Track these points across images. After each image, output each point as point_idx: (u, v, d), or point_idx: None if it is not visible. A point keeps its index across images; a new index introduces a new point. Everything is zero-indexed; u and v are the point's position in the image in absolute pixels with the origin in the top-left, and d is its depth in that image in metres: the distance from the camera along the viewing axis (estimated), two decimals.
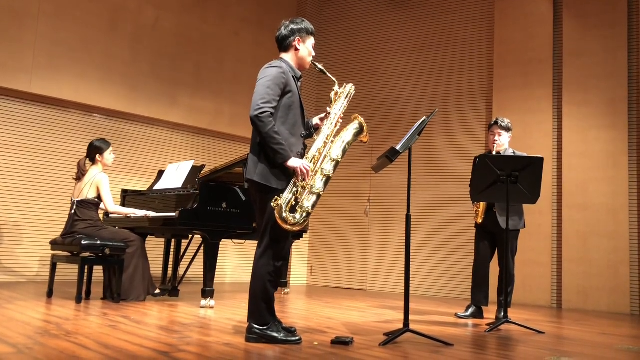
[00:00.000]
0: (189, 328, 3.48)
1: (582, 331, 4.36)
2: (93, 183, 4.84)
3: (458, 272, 7.20)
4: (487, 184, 4.21)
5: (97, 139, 5.06)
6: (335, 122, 3.19)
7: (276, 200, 2.94)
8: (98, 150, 4.95)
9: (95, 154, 4.95)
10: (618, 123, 6.49)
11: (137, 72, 7.04)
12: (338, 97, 3.28)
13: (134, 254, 4.79)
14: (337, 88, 3.30)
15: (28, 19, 6.20)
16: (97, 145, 4.96)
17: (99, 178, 4.85)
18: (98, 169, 4.94)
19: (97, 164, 4.95)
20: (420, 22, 8.10)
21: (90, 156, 4.98)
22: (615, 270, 6.26)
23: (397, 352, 2.95)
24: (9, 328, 3.14)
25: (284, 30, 3.22)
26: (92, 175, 4.87)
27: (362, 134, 3.25)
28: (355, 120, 3.24)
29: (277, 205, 2.93)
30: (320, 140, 3.15)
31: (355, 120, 3.24)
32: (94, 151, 4.96)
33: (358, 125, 3.23)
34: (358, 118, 3.24)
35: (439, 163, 7.60)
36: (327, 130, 3.17)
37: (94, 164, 4.96)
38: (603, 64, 6.64)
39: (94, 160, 4.96)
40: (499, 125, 4.81)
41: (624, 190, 6.36)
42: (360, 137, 3.26)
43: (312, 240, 8.46)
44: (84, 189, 4.85)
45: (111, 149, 5.03)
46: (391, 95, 8.12)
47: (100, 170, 4.94)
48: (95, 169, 4.93)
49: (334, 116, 3.21)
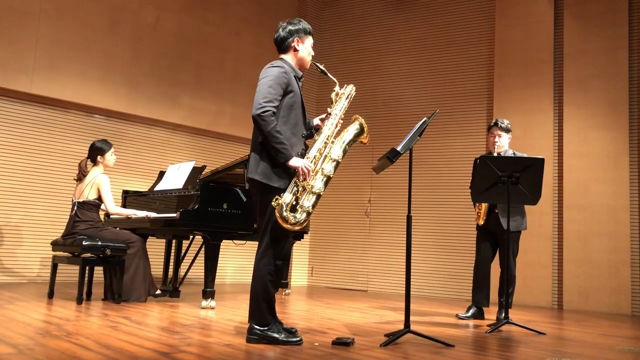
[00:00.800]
0: (189, 329, 3.47)
1: (583, 332, 4.36)
2: (94, 184, 4.84)
3: (459, 273, 7.19)
4: (488, 185, 4.21)
5: (99, 140, 5.05)
6: (336, 122, 3.20)
7: (277, 199, 2.95)
8: (99, 151, 4.93)
9: (96, 154, 4.93)
10: (619, 124, 6.49)
11: (137, 72, 7.04)
12: (339, 98, 3.28)
13: (135, 254, 4.79)
14: (338, 89, 3.31)
15: (29, 19, 6.20)
16: (98, 146, 4.95)
17: (99, 179, 4.85)
18: (99, 170, 4.93)
19: (98, 165, 4.94)
20: (422, 22, 8.09)
21: (91, 157, 4.96)
22: (616, 271, 6.25)
23: (398, 353, 2.95)
24: (10, 329, 3.14)
25: (281, 32, 3.23)
26: (93, 177, 4.87)
27: (362, 135, 3.25)
28: (356, 121, 3.24)
29: (277, 205, 2.94)
30: (320, 140, 3.15)
31: (356, 120, 3.24)
32: (96, 152, 4.94)
33: (359, 126, 3.24)
34: (359, 119, 3.24)
35: (440, 164, 7.60)
36: (328, 131, 3.17)
37: (95, 165, 4.94)
38: (604, 65, 6.64)
39: (95, 161, 4.94)
40: (498, 126, 4.81)
41: (624, 190, 6.35)
42: (360, 138, 3.26)
43: (313, 241, 8.46)
44: (85, 190, 4.84)
45: (113, 150, 5.02)
46: (392, 95, 8.12)
47: (101, 171, 4.93)
48: (97, 170, 4.92)
49: (335, 117, 3.22)
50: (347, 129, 3.23)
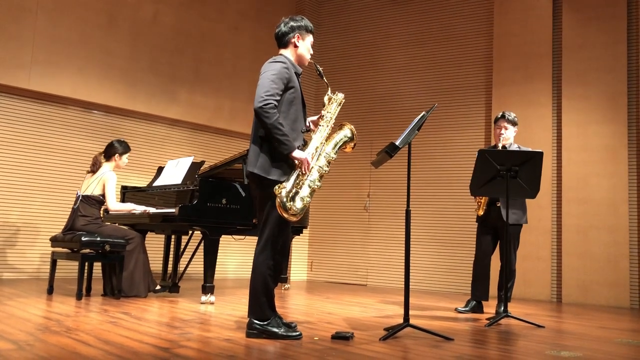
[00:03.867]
0: (189, 324, 3.48)
1: (582, 325, 4.37)
2: (101, 180, 4.91)
3: (458, 267, 7.20)
4: (487, 178, 4.21)
5: (121, 141, 5.13)
6: (331, 124, 3.26)
7: (279, 187, 2.96)
8: (118, 151, 5.02)
9: (114, 153, 5.02)
10: (618, 117, 6.48)
11: (136, 68, 7.03)
12: (331, 102, 3.33)
13: (134, 250, 4.81)
14: (330, 93, 3.35)
15: (26, 14, 6.18)
16: (118, 147, 5.03)
17: (107, 176, 4.91)
18: (109, 167, 5.01)
19: (111, 161, 5.02)
20: (419, 16, 8.07)
21: (107, 153, 5.04)
22: (615, 264, 6.26)
23: (398, 347, 2.96)
24: (10, 325, 3.15)
25: (283, 27, 3.24)
26: (102, 172, 4.95)
27: (351, 142, 3.31)
28: (346, 128, 3.29)
29: (279, 192, 2.95)
30: (318, 137, 3.20)
31: (346, 127, 3.29)
32: (114, 150, 5.02)
33: (349, 132, 3.30)
34: (349, 125, 3.30)
35: (439, 158, 7.60)
36: (324, 131, 3.23)
37: (107, 161, 5.02)
38: (603, 58, 6.63)
39: (109, 158, 5.02)
40: (506, 118, 4.78)
41: (623, 184, 6.36)
42: (348, 145, 3.30)
43: (312, 236, 8.46)
44: (92, 184, 4.91)
45: (129, 154, 5.12)
46: (390, 90, 8.11)
47: (111, 168, 5.01)
48: (107, 166, 5.01)
49: (329, 118, 3.27)
50: (338, 133, 3.28)
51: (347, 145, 3.30)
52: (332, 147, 3.22)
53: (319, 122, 3.27)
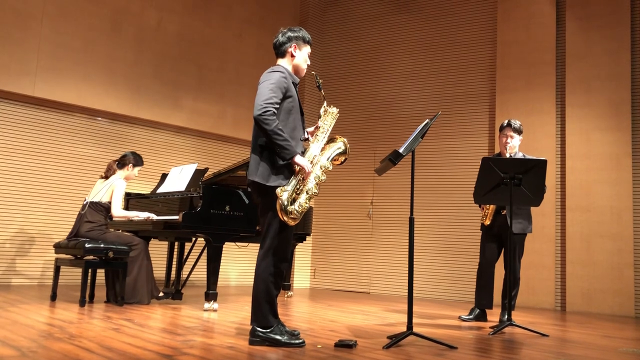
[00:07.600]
0: (192, 331, 3.48)
1: (586, 334, 4.34)
2: (110, 187, 4.97)
3: (461, 275, 7.18)
4: (491, 186, 4.20)
5: (136, 153, 5.25)
6: (327, 135, 3.33)
7: (282, 189, 2.99)
8: (132, 162, 5.13)
9: (128, 162, 5.13)
10: (621, 125, 6.47)
11: (140, 75, 7.06)
12: (327, 115, 3.39)
13: (137, 257, 4.81)
14: (326, 106, 3.41)
15: (31, 22, 6.22)
16: (133, 158, 5.15)
17: (117, 183, 4.98)
18: (121, 175, 5.09)
19: (123, 170, 5.12)
20: (423, 23, 8.10)
21: (121, 162, 5.14)
22: (620, 272, 6.24)
23: (401, 355, 2.95)
24: (13, 331, 3.15)
25: (281, 37, 3.30)
26: (112, 180, 5.01)
27: (343, 156, 3.36)
28: (340, 141, 3.35)
29: (281, 195, 2.98)
30: (315, 146, 3.26)
31: (340, 140, 3.35)
32: (128, 160, 5.13)
33: (343, 146, 3.36)
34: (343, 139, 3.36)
35: (442, 165, 7.59)
36: (321, 142, 3.29)
37: (120, 169, 5.12)
38: (606, 66, 6.63)
39: (123, 167, 5.12)
40: (512, 127, 4.75)
41: (627, 192, 6.34)
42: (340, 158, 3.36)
43: (315, 243, 8.46)
44: (102, 190, 4.96)
45: (140, 168, 5.24)
46: (394, 97, 8.12)
47: (122, 177, 5.08)
48: (119, 174, 5.10)
49: (326, 130, 3.34)
50: (331, 145, 3.34)
51: (339, 157, 3.36)
52: (327, 159, 3.28)
53: (315, 132, 3.33)
